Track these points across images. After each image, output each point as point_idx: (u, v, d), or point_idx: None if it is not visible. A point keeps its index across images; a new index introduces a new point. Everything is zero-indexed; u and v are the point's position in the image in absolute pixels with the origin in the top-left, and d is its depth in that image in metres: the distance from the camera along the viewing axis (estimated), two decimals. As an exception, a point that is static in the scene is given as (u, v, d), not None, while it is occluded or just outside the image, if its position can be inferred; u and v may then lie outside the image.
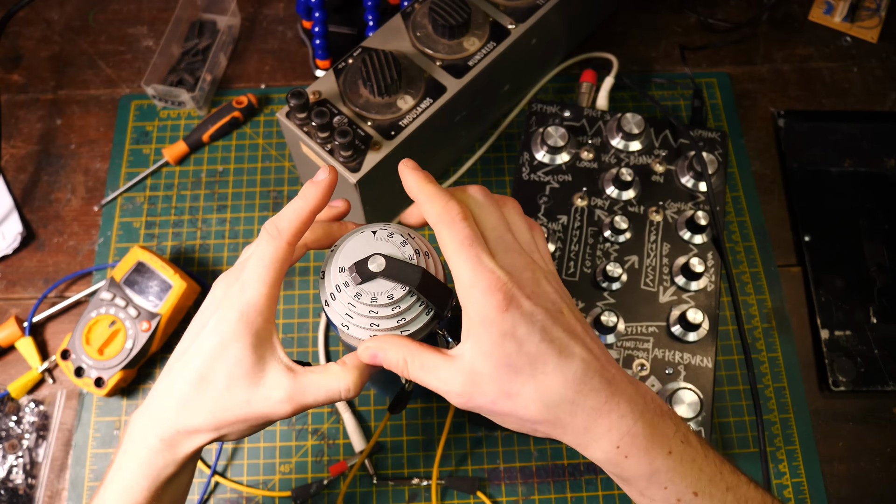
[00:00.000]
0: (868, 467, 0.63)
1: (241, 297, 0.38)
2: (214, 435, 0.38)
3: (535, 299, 0.36)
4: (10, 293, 0.69)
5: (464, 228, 0.36)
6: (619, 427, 0.35)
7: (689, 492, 0.36)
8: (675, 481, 0.36)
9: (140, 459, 0.38)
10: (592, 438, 0.36)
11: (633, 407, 0.36)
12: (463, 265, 0.36)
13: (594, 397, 0.35)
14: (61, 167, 0.75)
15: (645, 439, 0.36)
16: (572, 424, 0.35)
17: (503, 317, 0.34)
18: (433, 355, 0.37)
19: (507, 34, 0.64)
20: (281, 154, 0.75)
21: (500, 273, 0.35)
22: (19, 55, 0.81)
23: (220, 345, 0.37)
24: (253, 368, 0.37)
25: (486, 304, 0.35)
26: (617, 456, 0.36)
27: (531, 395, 0.35)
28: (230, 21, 0.80)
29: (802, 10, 0.85)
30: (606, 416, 0.35)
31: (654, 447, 0.36)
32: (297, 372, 0.38)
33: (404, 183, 0.39)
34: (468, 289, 0.35)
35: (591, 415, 0.35)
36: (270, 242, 0.38)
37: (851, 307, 0.68)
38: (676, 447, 0.36)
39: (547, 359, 0.35)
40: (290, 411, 0.38)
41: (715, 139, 0.67)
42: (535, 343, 0.35)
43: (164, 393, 0.39)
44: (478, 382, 0.35)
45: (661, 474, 0.36)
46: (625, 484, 0.38)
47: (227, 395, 0.37)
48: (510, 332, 0.35)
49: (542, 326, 0.35)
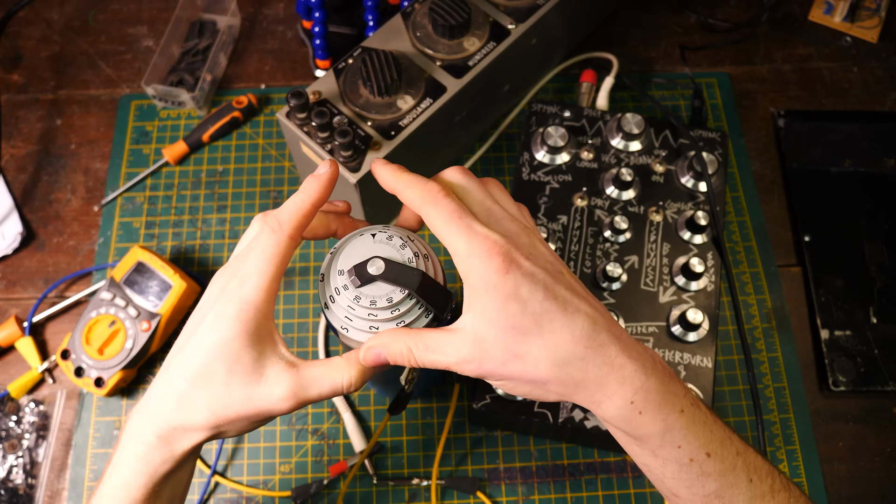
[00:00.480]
0: (868, 467, 0.63)
1: (240, 292, 0.37)
2: (213, 432, 0.38)
3: (534, 260, 0.36)
4: (10, 293, 0.69)
5: (449, 203, 0.36)
6: (632, 382, 0.35)
7: (701, 452, 0.36)
8: (688, 440, 0.36)
9: (137, 456, 0.38)
10: (606, 395, 0.35)
11: (643, 363, 0.35)
12: (457, 237, 0.36)
13: (604, 352, 0.35)
14: (61, 167, 0.75)
15: (658, 395, 0.35)
16: (584, 381, 0.35)
17: (505, 279, 0.34)
18: (435, 333, 0.37)
19: (507, 34, 0.64)
20: (281, 154, 0.75)
21: (495, 237, 0.35)
22: (19, 55, 0.81)
23: (218, 342, 0.37)
24: (253, 365, 0.37)
25: (486, 269, 0.35)
26: (631, 412, 0.35)
27: (540, 354, 0.35)
28: (230, 21, 0.80)
29: (802, 10, 0.85)
30: (619, 371, 0.35)
31: (667, 404, 0.35)
32: (300, 366, 0.38)
33: (379, 179, 0.39)
34: (466, 259, 0.35)
35: (602, 369, 0.35)
36: (272, 236, 0.38)
37: (851, 307, 0.68)
38: (688, 407, 0.36)
39: (553, 316, 0.35)
40: (293, 407, 0.38)
41: (715, 139, 0.67)
42: (538, 301, 0.35)
43: (161, 389, 0.38)
44: (485, 348, 0.35)
45: (675, 432, 0.36)
46: (638, 445, 0.37)
47: (226, 393, 0.37)
48: (513, 294, 0.34)
49: (545, 285, 0.35)
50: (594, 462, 0.63)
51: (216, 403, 0.37)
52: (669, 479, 0.37)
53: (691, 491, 0.36)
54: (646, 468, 0.38)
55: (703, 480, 0.36)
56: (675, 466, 0.36)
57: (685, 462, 0.36)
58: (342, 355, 0.39)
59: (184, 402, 0.37)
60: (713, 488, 0.36)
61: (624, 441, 0.38)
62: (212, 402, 0.37)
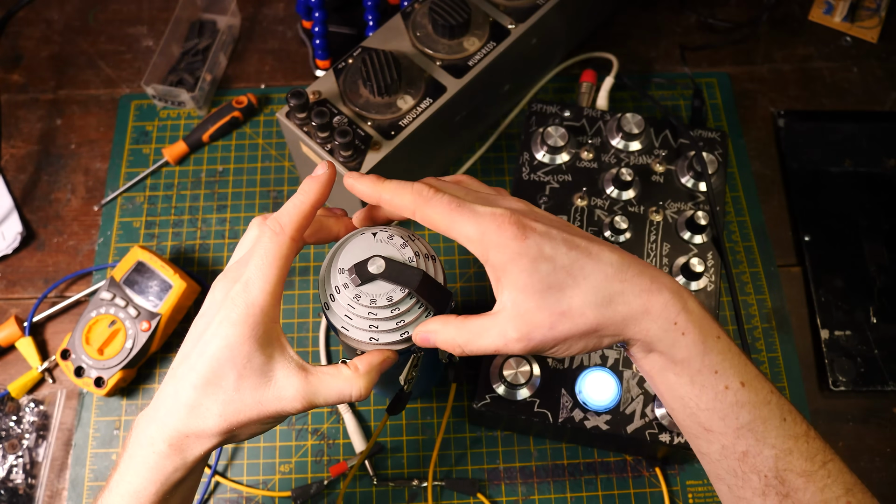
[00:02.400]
0: (868, 467, 0.63)
1: (245, 296, 0.37)
2: (225, 437, 0.38)
3: (543, 221, 0.37)
4: (10, 293, 0.69)
5: (442, 197, 0.37)
6: (674, 303, 0.36)
7: (736, 380, 0.36)
8: (724, 366, 0.36)
9: (148, 464, 0.38)
10: (651, 320, 0.36)
11: (678, 289, 0.37)
12: (464, 223, 0.36)
13: (639, 281, 0.36)
14: (61, 167, 0.75)
15: (699, 316, 0.36)
16: (630, 313, 0.36)
17: (526, 244, 0.35)
18: (479, 320, 0.37)
19: (507, 34, 0.64)
20: (281, 154, 0.75)
21: (500, 211, 0.36)
22: (19, 55, 0.81)
23: (226, 347, 0.37)
24: (262, 369, 0.37)
25: (504, 242, 0.35)
26: (675, 333, 0.36)
27: (583, 302, 0.35)
28: (230, 21, 0.80)
29: (802, 10, 0.85)
30: (658, 294, 0.36)
31: (706, 327, 0.36)
32: (309, 370, 0.38)
33: (358, 193, 0.40)
34: (480, 240, 0.36)
35: (642, 297, 0.36)
36: (273, 239, 0.38)
37: (851, 307, 0.68)
38: (723, 335, 0.37)
39: (582, 263, 0.36)
40: (302, 408, 0.38)
41: (715, 139, 0.67)
42: (564, 254, 0.36)
43: (170, 398, 0.38)
44: (529, 319, 0.36)
45: (713, 356, 0.36)
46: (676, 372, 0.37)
47: (237, 398, 0.37)
48: (539, 255, 0.35)
49: (563, 238, 0.36)
50: (594, 462, 0.63)
51: (227, 409, 0.37)
52: (704, 409, 0.37)
53: (725, 422, 0.37)
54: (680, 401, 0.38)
55: (738, 411, 0.36)
56: (711, 394, 0.36)
57: (721, 389, 0.36)
58: (350, 364, 0.39)
59: (194, 409, 0.37)
60: (746, 420, 0.36)
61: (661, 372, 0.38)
62: (223, 408, 0.37)
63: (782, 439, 0.37)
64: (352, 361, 0.39)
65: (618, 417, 0.56)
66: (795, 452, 0.37)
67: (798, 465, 0.36)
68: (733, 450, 0.37)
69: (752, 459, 0.37)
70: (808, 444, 0.37)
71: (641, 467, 0.63)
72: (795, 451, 0.37)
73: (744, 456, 0.37)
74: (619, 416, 0.56)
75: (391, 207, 0.39)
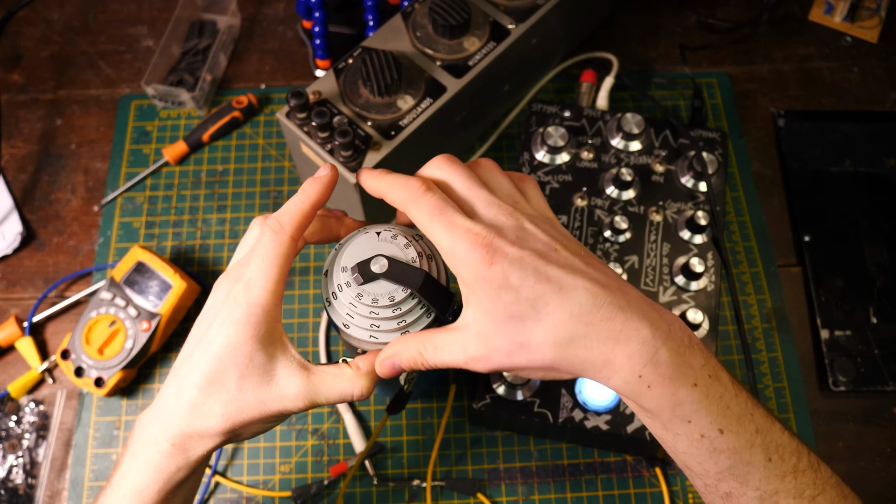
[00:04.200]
0: (868, 467, 0.63)
1: (247, 296, 0.37)
2: (228, 436, 0.38)
3: (522, 244, 0.35)
4: (10, 293, 0.69)
5: (429, 199, 0.36)
6: (640, 355, 0.34)
7: (713, 428, 0.35)
8: (699, 415, 0.34)
9: (151, 464, 0.38)
10: (613, 371, 0.34)
11: (655, 333, 0.34)
12: (440, 234, 0.35)
13: (607, 326, 0.34)
14: (61, 167, 0.75)
15: (669, 368, 0.34)
16: (590, 358, 0.34)
17: (492, 270, 0.34)
18: (441, 334, 0.37)
19: (507, 34, 0.64)
20: (281, 154, 0.75)
21: (477, 228, 0.35)
22: (19, 55, 0.81)
23: (228, 346, 0.37)
24: (264, 367, 0.37)
25: (472, 263, 0.34)
26: (640, 386, 0.34)
27: (542, 339, 0.34)
28: (230, 21, 0.80)
29: (802, 10, 0.85)
30: (625, 345, 0.34)
31: (679, 377, 0.34)
32: (311, 370, 0.38)
33: (365, 187, 0.40)
34: (451, 255, 0.35)
35: (607, 344, 0.34)
36: (274, 238, 0.38)
37: (851, 307, 0.68)
38: (703, 381, 0.35)
39: (547, 298, 0.34)
40: (304, 407, 0.38)
41: (715, 139, 0.67)
42: (530, 286, 0.34)
43: (172, 397, 0.38)
44: (489, 342, 0.35)
45: (685, 406, 0.34)
46: (647, 417, 0.36)
47: (239, 397, 0.37)
48: (503, 283, 0.34)
49: (534, 268, 0.34)
50: (594, 462, 0.63)
51: (230, 408, 0.37)
52: (681, 452, 0.36)
53: (703, 467, 0.36)
54: (659, 439, 0.37)
55: (716, 457, 0.35)
56: (686, 441, 0.35)
57: (696, 437, 0.35)
58: (352, 364, 0.39)
59: (197, 408, 0.37)
60: (726, 465, 0.35)
61: (636, 410, 0.37)
62: (226, 408, 0.37)
63: (767, 480, 0.35)
64: (353, 361, 0.39)
65: (618, 417, 0.56)
66: (782, 492, 0.35)
67: None
68: (716, 489, 0.36)
69: (735, 500, 0.36)
70: (797, 480, 0.35)
71: (641, 467, 0.63)
72: (782, 490, 0.35)
73: (727, 496, 0.36)
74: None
75: (389, 201, 0.38)
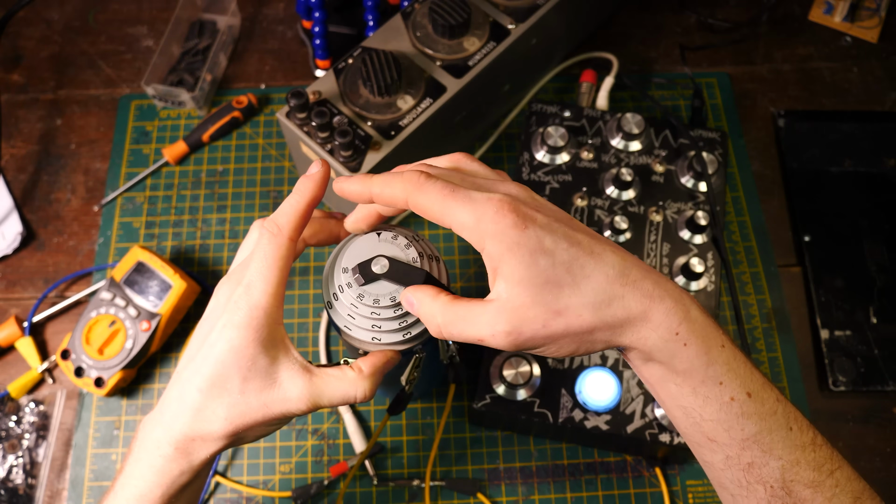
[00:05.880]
0: (868, 467, 0.64)
1: (248, 299, 0.37)
2: (231, 440, 0.38)
3: (545, 211, 0.35)
4: (10, 293, 0.69)
5: (435, 183, 0.35)
6: (676, 312, 0.34)
7: (742, 391, 0.35)
8: (729, 377, 0.35)
9: (154, 468, 0.38)
10: (652, 328, 0.34)
11: (682, 296, 0.35)
12: (459, 210, 0.34)
13: (641, 285, 0.34)
14: (61, 167, 0.75)
15: (701, 326, 0.34)
16: (628, 318, 0.34)
17: (525, 234, 0.33)
18: (470, 303, 0.35)
19: (507, 34, 0.64)
20: (281, 154, 0.75)
21: (498, 196, 0.34)
22: (19, 55, 0.81)
23: (230, 350, 0.36)
24: (267, 370, 0.37)
25: (501, 230, 0.33)
26: (676, 344, 0.34)
27: (580, 302, 0.34)
28: (230, 21, 0.80)
29: (802, 10, 0.85)
30: (660, 302, 0.34)
31: (710, 337, 0.34)
32: (314, 373, 0.38)
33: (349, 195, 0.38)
34: (477, 227, 0.34)
35: (643, 303, 0.34)
36: (272, 240, 0.38)
37: (851, 307, 0.68)
38: (728, 343, 0.35)
39: (583, 262, 0.34)
40: (307, 410, 0.38)
41: (715, 139, 0.67)
42: (564, 250, 0.33)
43: (175, 401, 0.38)
44: (523, 313, 0.34)
45: (717, 366, 0.34)
46: (677, 383, 0.36)
47: (242, 400, 0.37)
48: (538, 248, 0.33)
49: (565, 233, 0.34)
50: (594, 462, 0.63)
51: (233, 412, 0.37)
52: (708, 420, 0.35)
53: (730, 434, 0.35)
54: (682, 412, 0.36)
55: (743, 422, 0.35)
56: (716, 405, 0.35)
57: (726, 400, 0.35)
58: (354, 366, 0.39)
59: (200, 412, 0.37)
60: (752, 431, 0.35)
61: (662, 382, 0.36)
62: (229, 411, 0.37)
63: (789, 450, 0.35)
64: (355, 363, 0.39)
65: (618, 417, 0.56)
66: (803, 462, 0.36)
67: (805, 476, 0.36)
68: (738, 461, 0.36)
69: (757, 470, 0.35)
70: (816, 452, 0.36)
71: (641, 467, 0.63)
72: (803, 461, 0.36)
73: (749, 467, 0.36)
74: (619, 416, 0.56)
75: (383, 200, 0.37)
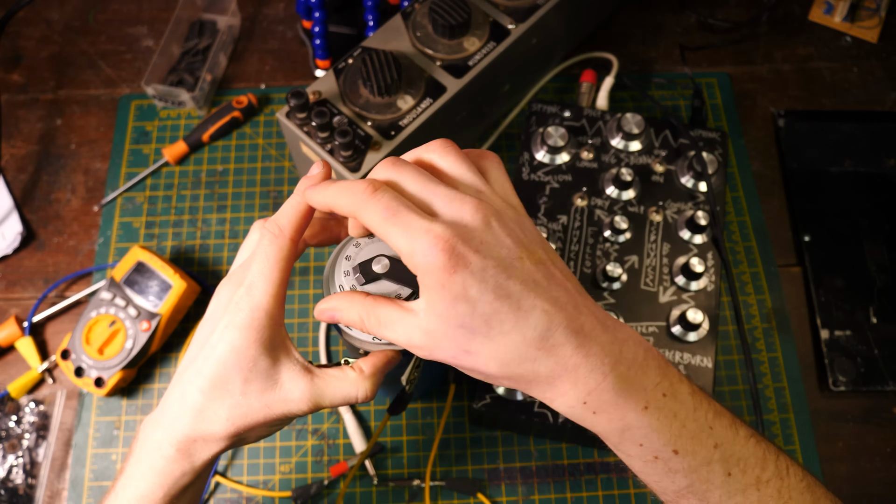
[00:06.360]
0: (868, 467, 0.63)
1: (249, 300, 0.37)
2: (233, 441, 0.38)
3: (486, 250, 0.33)
4: (10, 293, 0.69)
5: (378, 201, 0.33)
6: (585, 382, 0.33)
7: (667, 449, 0.34)
8: (650, 438, 0.34)
9: (156, 469, 0.38)
10: (558, 394, 0.34)
11: (604, 359, 0.33)
12: (396, 236, 0.33)
13: (557, 352, 0.33)
14: (61, 167, 0.75)
15: (615, 394, 0.33)
16: (535, 380, 0.34)
17: (451, 279, 0.32)
18: (390, 309, 0.35)
19: (507, 34, 0.64)
20: (281, 154, 0.75)
21: (438, 229, 0.32)
22: (19, 55, 0.81)
23: (232, 351, 0.37)
24: (268, 371, 0.37)
25: (432, 269, 0.32)
26: (584, 412, 0.34)
27: (489, 354, 0.33)
28: (230, 21, 0.80)
29: (802, 10, 0.85)
30: (572, 372, 0.33)
31: (627, 402, 0.33)
32: (315, 373, 0.38)
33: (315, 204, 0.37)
34: (410, 259, 0.33)
35: (554, 370, 0.33)
36: (274, 241, 0.38)
37: (851, 307, 0.68)
38: (655, 401, 0.34)
39: (503, 317, 0.32)
40: (309, 410, 0.38)
41: (715, 139, 0.67)
42: (488, 302, 0.32)
43: (176, 402, 0.38)
44: (436, 339, 0.34)
45: (634, 430, 0.34)
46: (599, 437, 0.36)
47: (244, 402, 0.37)
48: (461, 295, 0.32)
49: (496, 283, 0.32)
50: (594, 462, 0.63)
51: (234, 413, 0.37)
52: (637, 472, 0.36)
53: (660, 486, 0.36)
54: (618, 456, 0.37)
55: (672, 476, 0.35)
56: (640, 462, 0.35)
57: (649, 459, 0.35)
58: (355, 366, 0.39)
59: (202, 413, 0.37)
60: (684, 484, 0.35)
61: None
62: (230, 412, 0.37)
63: (728, 496, 0.35)
64: (356, 363, 0.39)
65: (618, 417, 0.56)
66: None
67: None
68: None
69: None
70: (759, 492, 0.35)
71: (641, 467, 0.63)
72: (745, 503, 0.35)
73: None
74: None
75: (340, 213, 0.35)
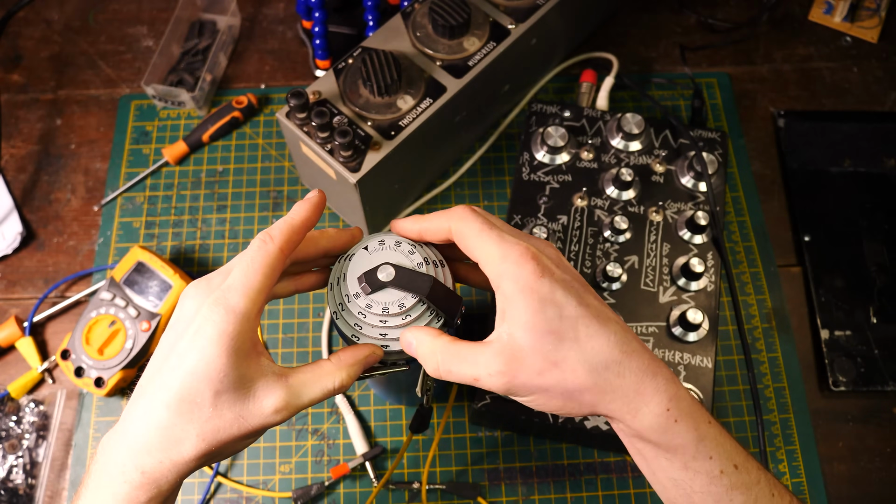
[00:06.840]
0: (868, 467, 0.63)
1: (225, 302, 0.34)
2: (204, 459, 0.35)
3: (564, 269, 0.37)
4: (10, 293, 0.69)
5: (477, 218, 0.38)
6: (666, 389, 0.35)
7: (730, 463, 0.36)
8: (718, 451, 0.36)
9: (118, 496, 0.34)
10: (643, 402, 0.35)
11: (672, 375, 0.36)
12: (489, 244, 0.36)
13: (638, 358, 0.35)
14: (61, 167, 0.75)
15: (689, 404, 0.36)
16: (622, 387, 0.35)
17: (541, 282, 0.35)
18: (468, 344, 0.37)
19: (507, 34, 0.64)
20: (281, 154, 0.75)
21: (526, 243, 0.36)
22: (19, 55, 0.81)
23: (201, 360, 0.34)
24: (241, 381, 0.34)
25: (521, 272, 0.35)
26: (667, 420, 0.35)
27: (577, 359, 0.35)
28: (230, 21, 0.80)
29: (802, 10, 0.85)
30: (653, 378, 0.35)
31: (698, 412, 0.36)
32: (288, 375, 0.36)
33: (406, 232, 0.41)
34: (500, 263, 0.36)
35: (638, 375, 0.35)
36: (262, 247, 0.36)
37: (851, 307, 0.68)
38: (713, 419, 0.37)
39: (588, 321, 0.35)
40: (286, 417, 0.36)
41: (715, 139, 0.67)
42: (574, 307, 0.35)
43: (140, 420, 0.34)
44: (520, 358, 0.35)
45: (707, 442, 0.36)
46: (668, 458, 0.36)
47: (216, 417, 0.34)
48: (549, 297, 0.35)
49: (577, 293, 0.36)
50: (594, 462, 0.63)
51: (205, 429, 0.34)
52: (698, 493, 0.36)
53: None
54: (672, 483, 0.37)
55: (732, 493, 0.36)
56: (706, 479, 0.36)
57: (716, 474, 0.36)
58: (332, 357, 0.38)
59: (169, 432, 0.34)
60: (740, 501, 0.36)
61: (651, 456, 0.37)
62: (201, 429, 0.34)
63: None
64: (334, 354, 0.38)
65: (618, 417, 0.56)
66: None
67: None
68: None
69: None
70: None
71: (641, 467, 0.63)
72: None
73: None
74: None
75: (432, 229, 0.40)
